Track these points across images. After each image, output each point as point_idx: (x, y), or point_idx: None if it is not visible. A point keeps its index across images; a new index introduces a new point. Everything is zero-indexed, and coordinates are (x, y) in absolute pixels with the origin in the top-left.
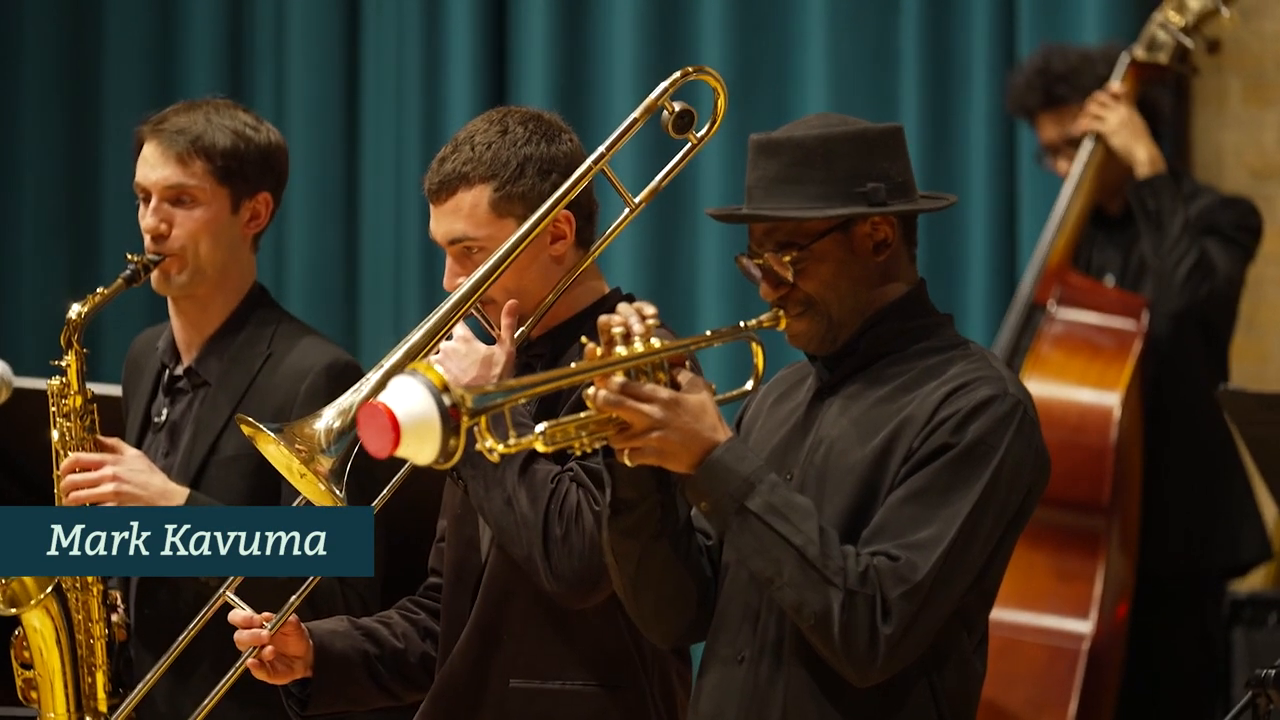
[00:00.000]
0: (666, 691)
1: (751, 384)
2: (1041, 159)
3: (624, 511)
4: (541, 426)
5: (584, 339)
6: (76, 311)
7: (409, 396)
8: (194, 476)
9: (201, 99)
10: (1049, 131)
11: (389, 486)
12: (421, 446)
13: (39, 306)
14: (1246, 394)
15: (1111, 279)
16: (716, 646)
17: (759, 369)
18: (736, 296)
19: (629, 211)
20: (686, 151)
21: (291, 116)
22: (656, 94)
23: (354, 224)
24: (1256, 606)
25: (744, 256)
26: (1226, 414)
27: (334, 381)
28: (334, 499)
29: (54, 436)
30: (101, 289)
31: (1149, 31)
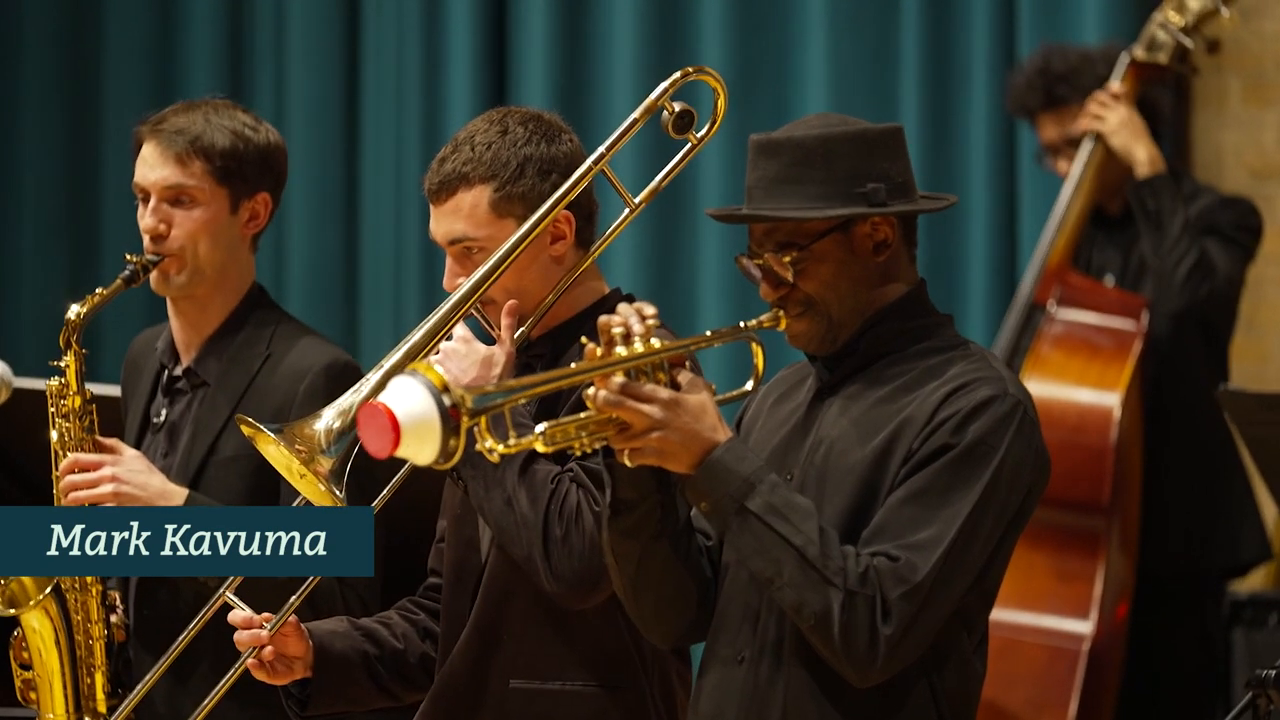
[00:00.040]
0: (666, 692)
1: (751, 384)
2: (1042, 159)
3: (624, 512)
4: (541, 427)
5: (584, 339)
6: (75, 312)
7: (409, 397)
8: (193, 477)
9: (200, 99)
10: (1049, 132)
11: (389, 487)
12: (421, 447)
13: (39, 306)
14: (1247, 394)
15: (1111, 279)
16: (716, 647)
17: (759, 369)
18: (736, 296)
19: (629, 212)
20: (686, 152)
21: (291, 116)
22: (656, 94)
23: (354, 224)
24: (1257, 607)
25: (744, 257)
26: (1227, 414)
27: (333, 382)
28: (334, 499)
29: (53, 437)
30: (100, 289)
31: (1149, 31)
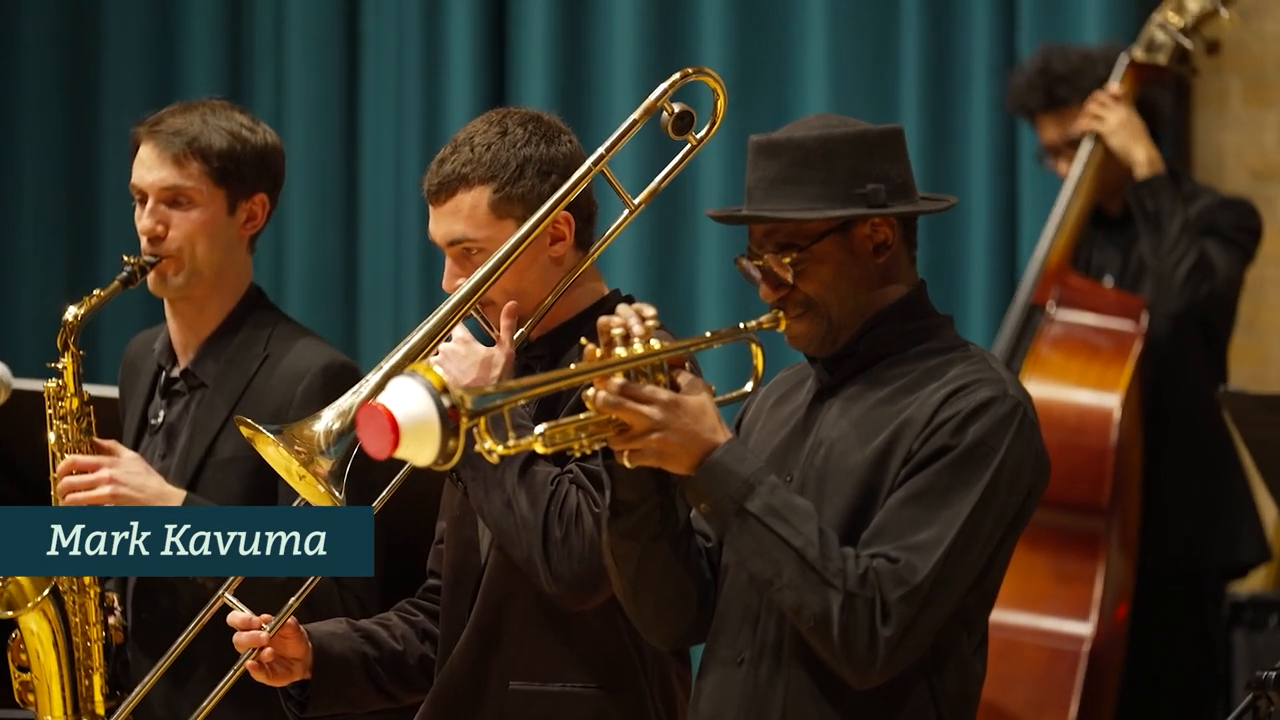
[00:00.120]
0: (666, 693)
1: (751, 385)
2: (1042, 160)
3: (623, 513)
4: (541, 428)
5: (583, 340)
6: (73, 314)
7: (408, 398)
8: (191, 478)
9: (198, 100)
10: (1050, 133)
11: (389, 488)
12: (421, 448)
13: (38, 307)
14: (1247, 395)
15: (1110, 279)
16: (716, 648)
17: (759, 370)
18: (736, 298)
19: (629, 213)
20: (686, 153)
21: (291, 117)
22: (656, 95)
23: (354, 225)
24: (1257, 608)
25: (744, 258)
26: (1227, 415)
27: (331, 383)
28: (333, 501)
29: (51, 439)
30: (98, 291)
31: (1148, 32)
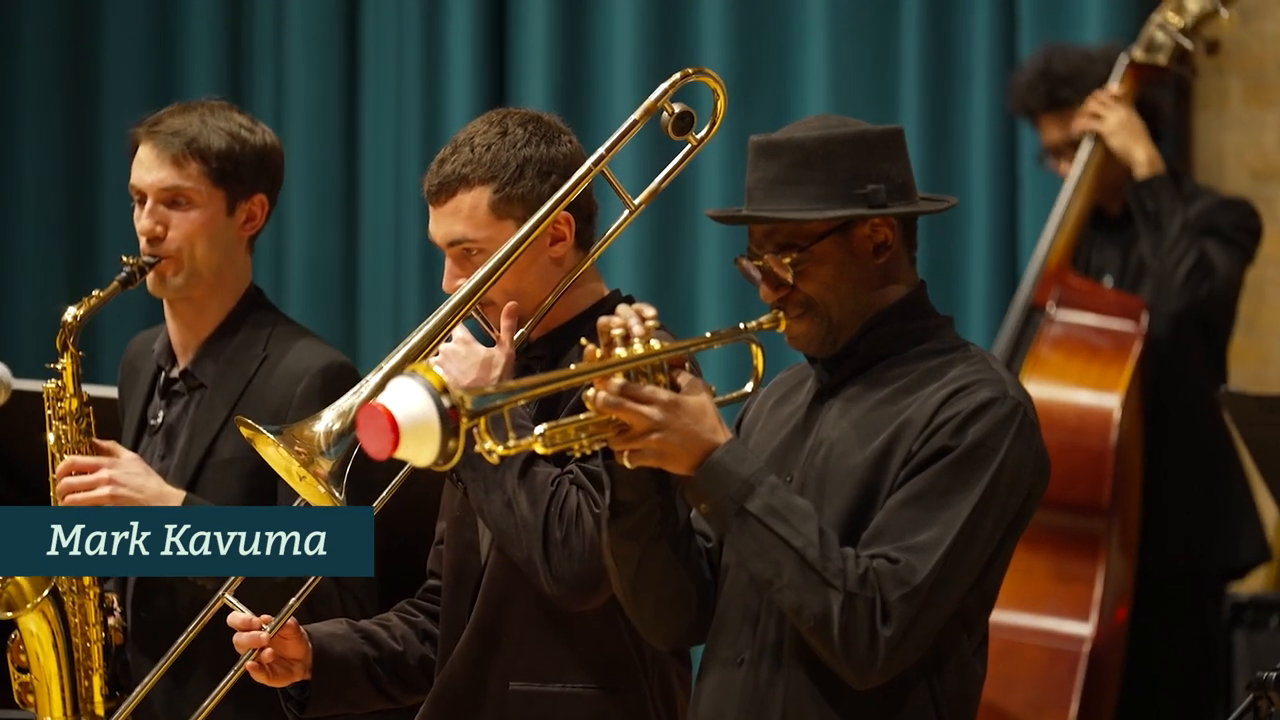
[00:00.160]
0: (666, 694)
1: (751, 386)
2: (1043, 160)
3: (623, 513)
4: (541, 428)
5: (583, 341)
6: (72, 314)
7: (408, 398)
8: (190, 479)
9: (196, 100)
10: (1052, 133)
11: (389, 488)
12: (421, 448)
13: (38, 307)
14: (1247, 396)
15: (1110, 280)
16: (716, 649)
17: (759, 371)
18: (736, 298)
19: (629, 213)
20: (686, 153)
21: (291, 117)
22: (656, 95)
23: (353, 225)
24: (1258, 609)
25: (744, 258)
26: (1227, 416)
27: (330, 384)
28: (334, 501)
29: (50, 439)
30: (97, 291)
31: (1147, 33)
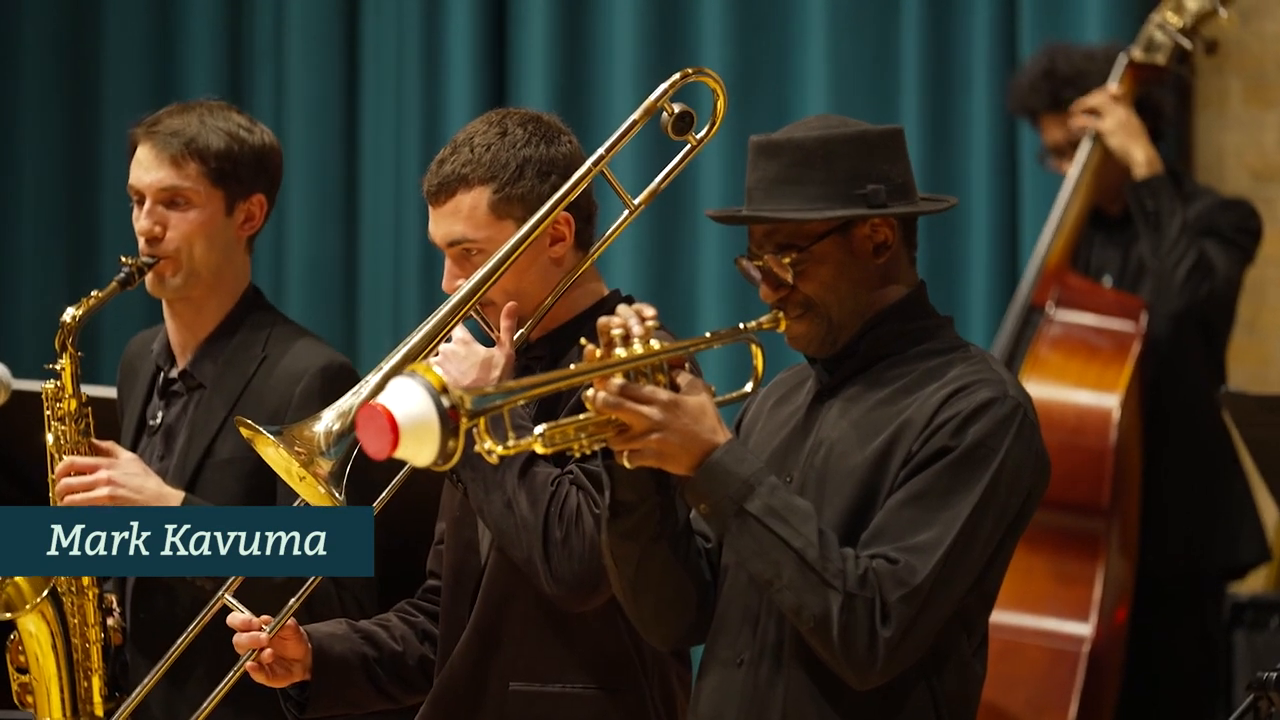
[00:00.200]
0: (666, 694)
1: (751, 386)
2: (1044, 160)
3: (623, 514)
4: (541, 428)
5: (583, 341)
6: (71, 315)
7: (408, 398)
8: (189, 479)
9: (195, 100)
10: (1054, 133)
11: (389, 488)
12: (420, 448)
13: (38, 307)
14: (1247, 396)
15: (1110, 280)
16: (716, 649)
17: (758, 371)
18: (736, 298)
19: (628, 213)
20: (686, 153)
21: (291, 116)
22: (656, 95)
23: (353, 225)
24: (1258, 609)
25: (744, 258)
26: (1227, 416)
27: (329, 384)
28: (333, 501)
29: (49, 440)
30: (96, 292)
31: (1147, 32)
